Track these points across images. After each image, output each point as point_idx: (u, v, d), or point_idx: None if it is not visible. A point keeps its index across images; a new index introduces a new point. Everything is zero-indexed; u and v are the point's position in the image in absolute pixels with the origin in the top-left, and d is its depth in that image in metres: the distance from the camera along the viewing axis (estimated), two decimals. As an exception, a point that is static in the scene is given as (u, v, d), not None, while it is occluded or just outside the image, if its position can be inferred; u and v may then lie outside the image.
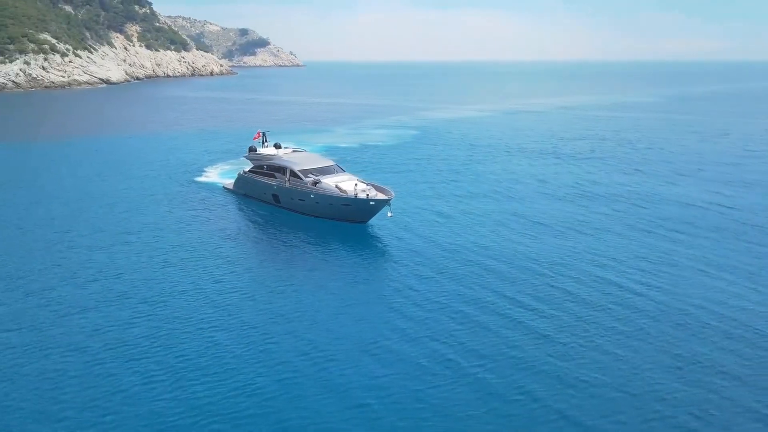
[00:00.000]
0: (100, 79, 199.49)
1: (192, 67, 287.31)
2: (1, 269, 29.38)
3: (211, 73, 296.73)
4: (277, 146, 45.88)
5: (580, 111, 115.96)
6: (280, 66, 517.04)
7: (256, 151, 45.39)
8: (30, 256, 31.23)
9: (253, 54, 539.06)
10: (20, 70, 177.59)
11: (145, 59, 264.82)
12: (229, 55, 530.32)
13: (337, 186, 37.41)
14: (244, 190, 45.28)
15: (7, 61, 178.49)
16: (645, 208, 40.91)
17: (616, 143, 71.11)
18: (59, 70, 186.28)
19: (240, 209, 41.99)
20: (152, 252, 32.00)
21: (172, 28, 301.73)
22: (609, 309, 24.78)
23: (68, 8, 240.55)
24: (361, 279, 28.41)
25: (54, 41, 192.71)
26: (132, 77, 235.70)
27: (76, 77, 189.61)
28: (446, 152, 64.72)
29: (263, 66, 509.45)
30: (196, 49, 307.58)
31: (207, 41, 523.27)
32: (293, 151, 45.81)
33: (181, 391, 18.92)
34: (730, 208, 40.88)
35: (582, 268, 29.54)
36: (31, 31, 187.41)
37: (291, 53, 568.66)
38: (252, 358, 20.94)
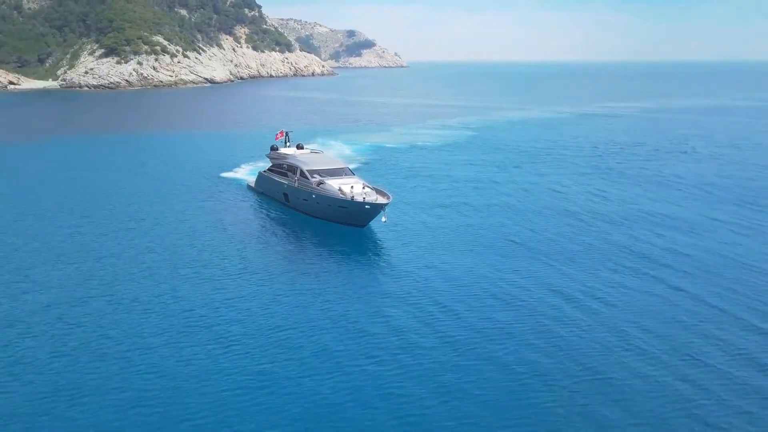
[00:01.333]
0: (204, 78, 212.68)
1: (294, 67, 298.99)
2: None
3: (313, 74, 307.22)
4: (300, 146, 47.88)
5: (674, 114, 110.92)
6: (385, 67, 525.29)
7: (277, 150, 47.57)
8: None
9: (359, 55, 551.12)
10: (133, 69, 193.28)
11: (251, 60, 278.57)
12: (335, 56, 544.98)
13: (339, 188, 37.73)
14: (262, 188, 47.71)
15: (122, 61, 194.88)
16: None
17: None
18: (168, 70, 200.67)
19: (250, 206, 44.85)
20: (140, 240, 35.54)
21: (278, 30, 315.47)
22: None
23: (183, 12, 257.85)
24: (339, 284, 28.80)
25: (165, 43, 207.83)
26: (236, 77, 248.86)
27: (183, 77, 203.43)
28: (487, 157, 65.01)
29: (368, 67, 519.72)
30: (300, 51, 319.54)
31: (315, 43, 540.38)
32: (312, 152, 47.65)
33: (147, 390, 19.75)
34: None
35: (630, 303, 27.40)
36: (145, 33, 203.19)
37: (396, 54, 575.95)
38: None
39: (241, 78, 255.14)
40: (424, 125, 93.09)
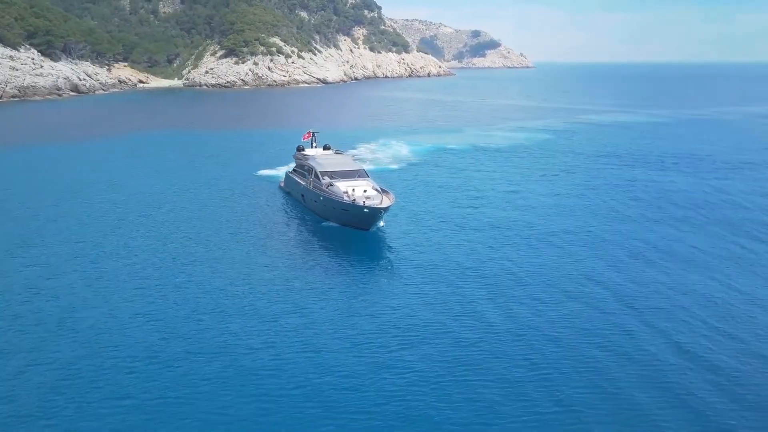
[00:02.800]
0: (317, 78, 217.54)
1: (410, 68, 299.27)
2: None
3: (429, 75, 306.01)
4: (326, 147, 47.05)
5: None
6: (509, 67, 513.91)
7: (303, 150, 46.88)
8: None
9: (483, 55, 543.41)
10: (249, 69, 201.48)
11: (367, 61, 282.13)
12: (458, 56, 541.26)
13: (346, 191, 36.97)
14: (288, 188, 47.39)
15: (240, 62, 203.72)
16: None
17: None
18: (282, 70, 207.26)
19: (272, 205, 44.06)
20: (148, 232, 35.55)
21: (396, 31, 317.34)
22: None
23: (304, 14, 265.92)
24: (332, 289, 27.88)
25: (282, 44, 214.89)
26: (350, 77, 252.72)
27: (296, 77, 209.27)
28: (540, 161, 59.95)
29: (491, 67, 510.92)
30: (417, 51, 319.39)
31: (439, 44, 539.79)
32: (336, 152, 46.61)
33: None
34: None
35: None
36: (263, 35, 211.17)
37: (521, 54, 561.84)
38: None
39: (355, 78, 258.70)
40: (500, 127, 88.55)
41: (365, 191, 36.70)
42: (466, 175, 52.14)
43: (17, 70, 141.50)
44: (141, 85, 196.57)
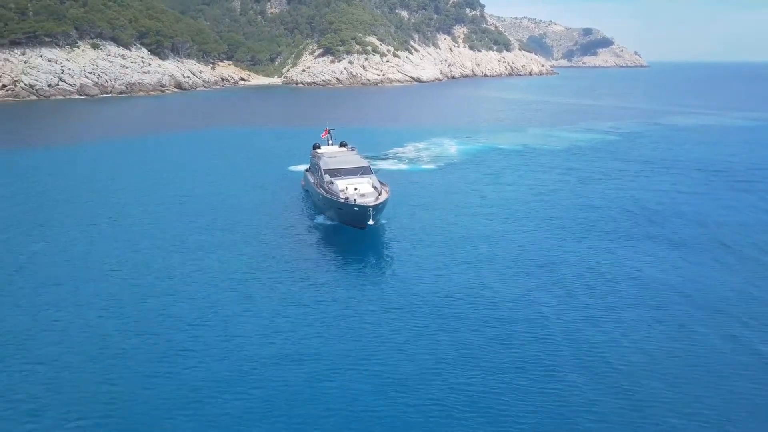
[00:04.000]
0: (411, 77, 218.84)
1: (511, 66, 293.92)
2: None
3: (530, 73, 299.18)
4: (343, 144, 47.44)
5: None
6: (621, 67, 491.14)
7: (319, 148, 47.29)
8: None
9: (594, 54, 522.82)
10: (344, 68, 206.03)
11: (466, 59, 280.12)
12: (568, 55, 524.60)
13: (343, 189, 36.89)
14: (305, 186, 47.60)
15: (336, 60, 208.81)
16: None
17: None
18: (376, 69, 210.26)
19: (285, 201, 44.48)
20: (157, 223, 37.78)
21: (498, 30, 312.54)
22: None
23: (404, 13, 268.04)
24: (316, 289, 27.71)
25: (378, 43, 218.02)
26: (447, 76, 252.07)
27: (390, 75, 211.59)
28: (590, 164, 57.23)
29: (602, 66, 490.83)
30: (519, 50, 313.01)
31: (548, 42, 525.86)
32: (350, 149, 46.66)
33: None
34: None
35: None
36: (359, 34, 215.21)
37: (635, 53, 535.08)
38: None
39: (453, 77, 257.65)
40: (566, 128, 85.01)
41: (356, 188, 36.59)
42: (494, 178, 50.75)
43: (127, 68, 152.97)
44: (242, 82, 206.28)
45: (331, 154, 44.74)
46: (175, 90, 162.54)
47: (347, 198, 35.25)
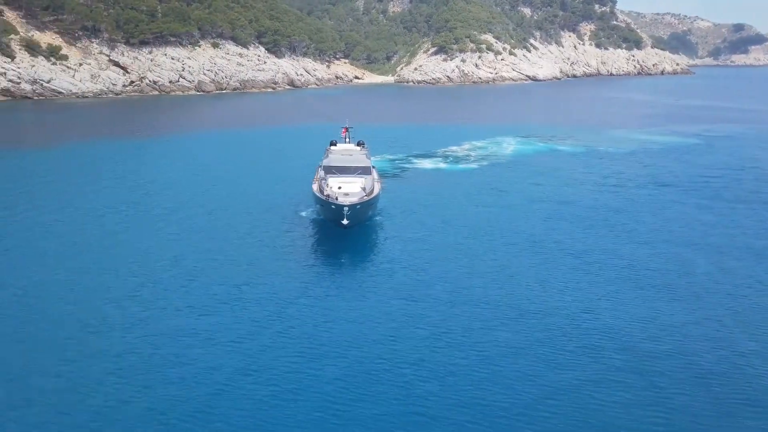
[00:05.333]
0: (526, 76, 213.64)
1: (640, 65, 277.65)
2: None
3: (662, 72, 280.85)
4: (360, 143, 47.09)
5: None
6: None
7: (335, 145, 46.85)
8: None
9: (745, 52, 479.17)
10: (456, 66, 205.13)
11: (591, 57, 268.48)
12: (714, 53, 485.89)
13: (331, 186, 36.78)
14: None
15: (448, 59, 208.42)
16: None
17: None
18: (489, 67, 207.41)
19: (296, 198, 44.98)
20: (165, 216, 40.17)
21: (629, 26, 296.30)
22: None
23: (527, 10, 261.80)
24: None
25: (493, 41, 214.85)
26: (568, 75, 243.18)
27: (503, 74, 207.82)
28: (640, 169, 53.38)
29: (754, 65, 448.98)
30: (651, 48, 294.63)
31: (693, 39, 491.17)
32: (362, 148, 46.09)
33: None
34: None
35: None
36: (474, 32, 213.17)
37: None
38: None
39: (574, 76, 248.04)
40: (651, 131, 79.20)
41: (340, 187, 36.36)
42: (530, 180, 48.98)
43: (243, 66, 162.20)
44: (356, 80, 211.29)
45: (338, 152, 44.69)
46: (287, 87, 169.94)
47: (328, 196, 35.42)
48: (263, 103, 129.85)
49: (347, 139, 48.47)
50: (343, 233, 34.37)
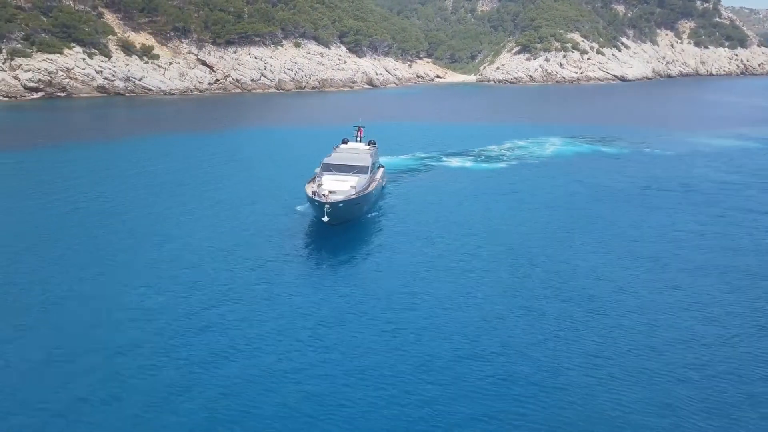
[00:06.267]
0: (614, 75, 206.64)
1: (744, 65, 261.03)
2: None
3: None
4: (371, 143, 47.99)
5: None
6: None
7: (345, 143, 48.11)
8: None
9: None
10: (539, 66, 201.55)
11: (689, 57, 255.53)
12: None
13: (320, 183, 37.38)
14: None
15: (532, 58, 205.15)
16: None
17: None
18: (574, 67, 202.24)
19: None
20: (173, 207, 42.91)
21: (733, 24, 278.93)
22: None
23: (620, 8, 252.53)
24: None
25: (580, 40, 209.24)
26: (660, 75, 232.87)
27: (589, 73, 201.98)
28: (680, 174, 51.00)
29: None
30: (758, 46, 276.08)
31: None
32: (370, 146, 46.93)
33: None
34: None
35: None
36: (560, 31, 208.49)
37: None
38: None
39: (668, 76, 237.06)
40: (717, 134, 75.27)
41: (328, 185, 36.91)
42: (545, 182, 48.43)
43: (323, 65, 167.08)
44: (437, 79, 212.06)
45: (342, 150, 45.36)
46: (366, 86, 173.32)
47: (314, 192, 36.14)
48: (333, 101, 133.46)
49: (359, 138, 49.44)
50: (328, 229, 35.06)
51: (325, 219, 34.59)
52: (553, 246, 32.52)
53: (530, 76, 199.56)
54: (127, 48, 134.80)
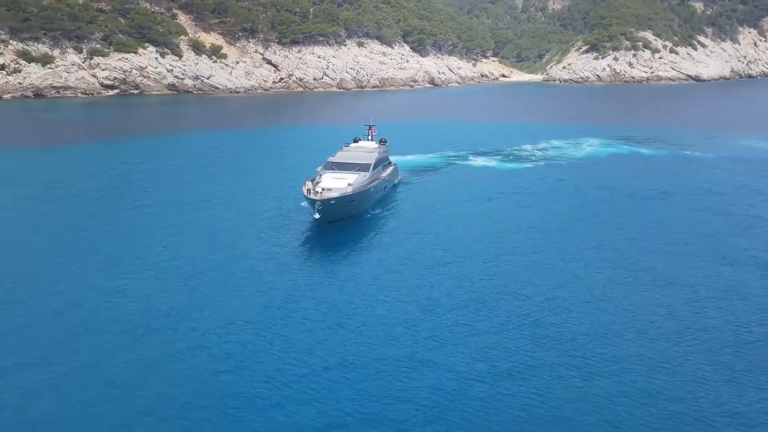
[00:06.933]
0: (687, 75, 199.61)
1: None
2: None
3: None
4: (382, 141, 48.63)
5: None
6: None
7: (357, 141, 48.57)
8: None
9: None
10: (607, 65, 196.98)
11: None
12: None
13: (318, 182, 37.87)
14: None
15: (600, 57, 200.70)
16: None
17: None
18: (644, 66, 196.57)
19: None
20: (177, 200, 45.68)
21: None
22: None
23: (699, 5, 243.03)
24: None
25: (652, 39, 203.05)
26: (740, 74, 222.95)
27: (660, 73, 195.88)
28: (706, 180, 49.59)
29: None
30: None
31: None
32: (380, 144, 47.42)
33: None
34: None
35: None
36: (631, 29, 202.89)
37: None
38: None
39: (749, 76, 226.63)
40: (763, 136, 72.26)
41: (319, 182, 37.36)
42: (563, 183, 48.16)
43: (385, 64, 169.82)
44: (502, 79, 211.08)
45: (350, 149, 45.63)
46: (427, 85, 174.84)
47: (308, 190, 36.31)
48: (389, 99, 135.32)
49: (370, 137, 49.80)
50: (322, 226, 35.31)
51: (317, 216, 34.98)
52: (546, 250, 32.92)
53: (597, 75, 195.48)
54: (197, 48, 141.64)
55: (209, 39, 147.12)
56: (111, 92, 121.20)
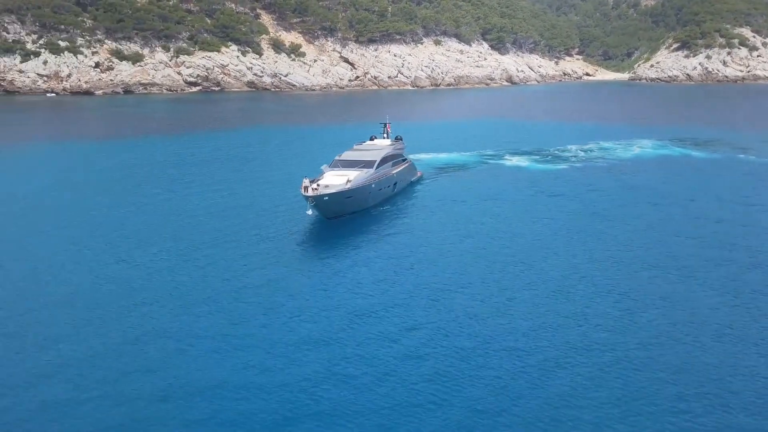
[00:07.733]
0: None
1: None
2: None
3: None
4: (398, 138, 48.51)
5: None
6: None
7: (373, 140, 48.32)
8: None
9: None
10: (699, 63, 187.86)
11: None
12: None
13: (317, 180, 38.02)
14: None
15: (691, 55, 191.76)
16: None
17: None
18: (740, 65, 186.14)
19: None
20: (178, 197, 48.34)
21: None
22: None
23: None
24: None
25: (750, 35, 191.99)
26: None
27: (757, 72, 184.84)
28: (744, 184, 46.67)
29: None
30: None
31: None
32: (395, 141, 47.42)
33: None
34: None
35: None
36: (726, 26, 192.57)
37: None
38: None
39: None
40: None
41: (319, 180, 37.62)
42: (594, 187, 46.83)
43: (461, 62, 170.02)
44: (586, 77, 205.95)
45: (361, 147, 45.59)
46: (505, 83, 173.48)
47: (305, 188, 35.99)
48: (457, 97, 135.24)
49: (386, 135, 49.40)
50: (322, 222, 35.75)
51: (309, 212, 35.14)
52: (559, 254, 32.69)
53: (687, 74, 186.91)
54: (277, 46, 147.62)
55: (289, 38, 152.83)
56: (194, 89, 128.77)
